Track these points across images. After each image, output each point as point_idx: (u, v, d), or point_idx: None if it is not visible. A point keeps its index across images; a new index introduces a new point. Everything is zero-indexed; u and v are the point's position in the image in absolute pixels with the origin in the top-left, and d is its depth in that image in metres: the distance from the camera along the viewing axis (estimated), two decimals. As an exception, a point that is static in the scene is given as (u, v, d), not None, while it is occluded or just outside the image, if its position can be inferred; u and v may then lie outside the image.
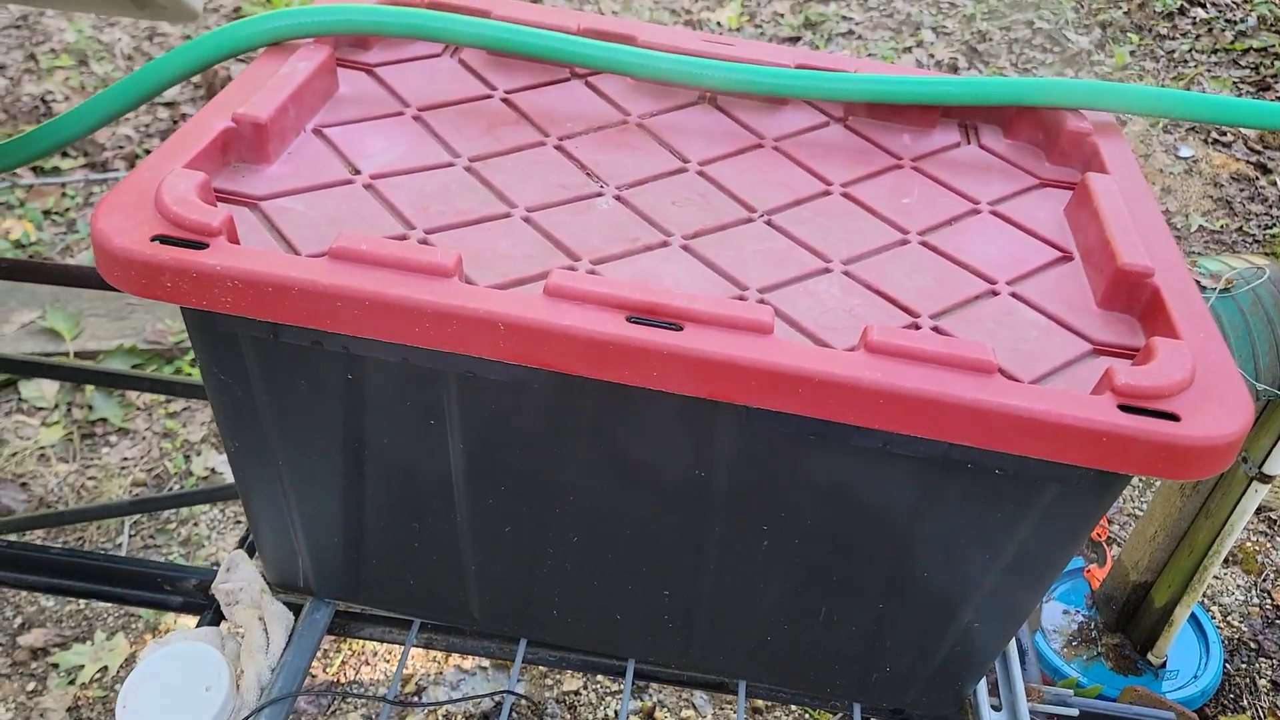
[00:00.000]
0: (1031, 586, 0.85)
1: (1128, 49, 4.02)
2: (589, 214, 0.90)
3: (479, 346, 0.72)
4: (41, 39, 3.53)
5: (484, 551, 0.91)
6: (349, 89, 1.00)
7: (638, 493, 0.85)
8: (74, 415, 2.28)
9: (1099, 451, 0.69)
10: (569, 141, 0.99)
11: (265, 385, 0.81)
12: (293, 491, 0.90)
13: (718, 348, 0.70)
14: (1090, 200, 0.91)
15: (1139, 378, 0.71)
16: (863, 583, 0.87)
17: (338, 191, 0.87)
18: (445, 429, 0.82)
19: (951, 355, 0.71)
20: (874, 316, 0.82)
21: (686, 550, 0.88)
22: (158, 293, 0.71)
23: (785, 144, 1.03)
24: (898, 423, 0.70)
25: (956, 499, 0.78)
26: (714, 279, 0.85)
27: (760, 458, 0.79)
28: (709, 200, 0.94)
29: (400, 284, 0.71)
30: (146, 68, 0.94)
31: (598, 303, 0.72)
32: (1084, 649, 1.99)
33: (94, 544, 2.04)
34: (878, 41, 4.17)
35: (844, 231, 0.92)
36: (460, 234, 0.85)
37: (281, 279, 0.70)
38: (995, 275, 0.88)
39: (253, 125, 0.86)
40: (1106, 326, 0.83)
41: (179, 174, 0.77)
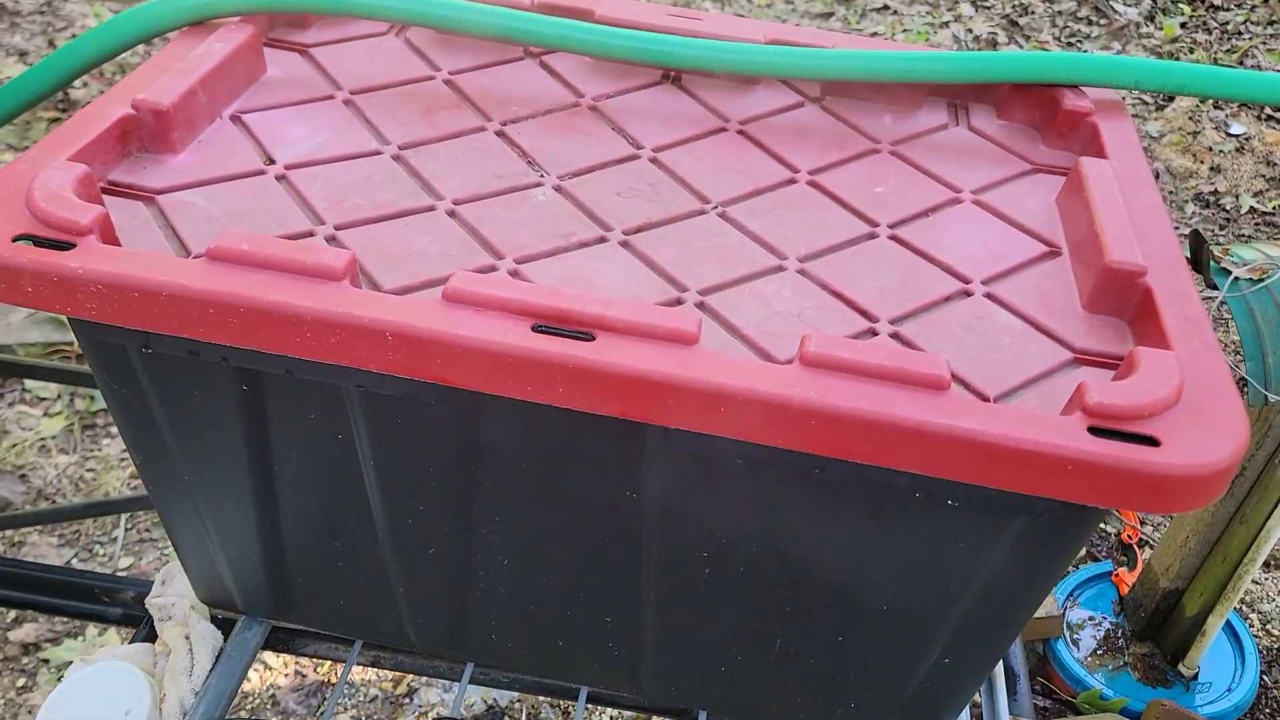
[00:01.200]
0: (1007, 621, 0.76)
1: (1178, 21, 3.83)
2: (522, 207, 0.82)
3: (366, 359, 0.64)
4: (63, 25, 3.53)
5: (410, 574, 0.84)
6: (279, 71, 0.93)
7: (566, 515, 0.77)
8: (76, 406, 2.26)
9: (1062, 481, 0.60)
10: (512, 127, 0.91)
11: (158, 396, 0.74)
12: (205, 507, 0.84)
13: (630, 361, 0.62)
14: (1082, 188, 0.82)
15: (1114, 395, 0.61)
16: (816, 613, 0.78)
17: (245, 184, 0.80)
18: (354, 444, 0.75)
19: (897, 369, 0.62)
20: (826, 321, 0.74)
21: (625, 576, 0.80)
22: (19, 298, 0.65)
23: (752, 127, 0.94)
24: (832, 447, 0.62)
25: (909, 530, 0.69)
26: (651, 279, 0.77)
27: (690, 482, 0.71)
28: (659, 191, 0.86)
29: (279, 289, 0.64)
30: (52, 57, 0.87)
31: (500, 309, 0.65)
32: (1110, 658, 1.88)
33: (90, 537, 2.02)
34: (913, 16, 4.02)
35: (805, 225, 0.83)
36: (374, 230, 0.78)
37: (149, 283, 0.64)
38: (970, 273, 0.79)
39: (154, 112, 0.79)
40: (1091, 332, 0.74)
41: (57, 167, 0.71)
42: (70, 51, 0.88)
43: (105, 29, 0.88)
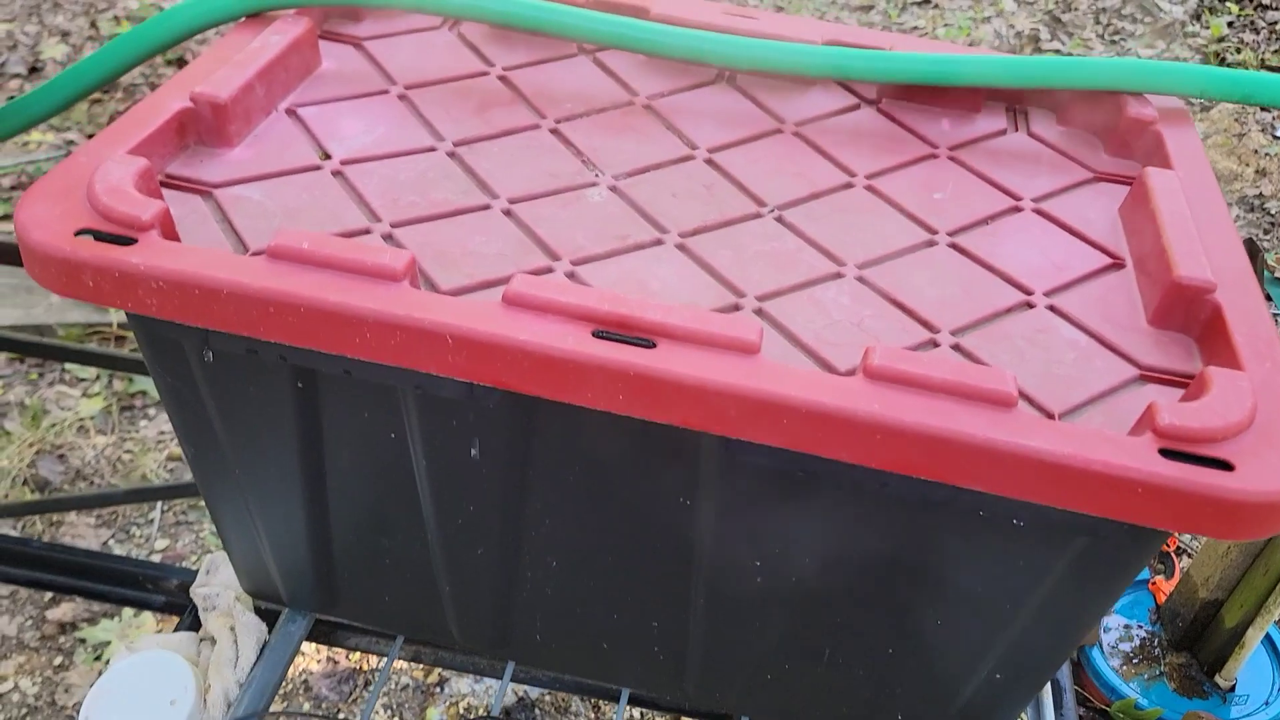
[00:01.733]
0: (1061, 640, 0.75)
1: (1225, 20, 3.76)
2: (577, 206, 0.81)
3: (427, 361, 0.64)
4: (105, 6, 3.55)
5: (457, 572, 0.84)
6: (333, 64, 0.93)
7: (617, 519, 0.77)
8: (114, 387, 2.28)
9: (1133, 504, 0.58)
10: (567, 124, 0.90)
11: (212, 391, 0.74)
12: (255, 501, 0.84)
13: (692, 370, 0.62)
14: (1148, 199, 0.80)
15: (1186, 416, 0.60)
16: (867, 627, 0.77)
17: (301, 179, 0.80)
18: (408, 444, 0.75)
19: (964, 385, 0.61)
20: (887, 331, 0.73)
21: (673, 581, 0.79)
22: (80, 292, 0.65)
23: (808, 129, 0.93)
24: (897, 462, 0.61)
25: (969, 548, 0.68)
26: (709, 283, 0.76)
27: (747, 492, 0.70)
28: (714, 192, 0.85)
29: (341, 289, 0.64)
30: (111, 45, 0.87)
31: (561, 313, 0.64)
32: (1145, 667, 1.86)
33: (127, 518, 2.04)
34: (954, 11, 3.97)
35: (863, 230, 0.82)
36: (430, 228, 0.77)
37: (210, 280, 0.63)
38: (1032, 284, 0.78)
39: (211, 105, 0.79)
40: (1157, 348, 0.72)
41: (117, 161, 0.71)
42: (129, 40, 0.88)
43: (164, 19, 0.88)
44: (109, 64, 0.88)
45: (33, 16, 3.47)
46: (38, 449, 2.11)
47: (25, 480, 2.05)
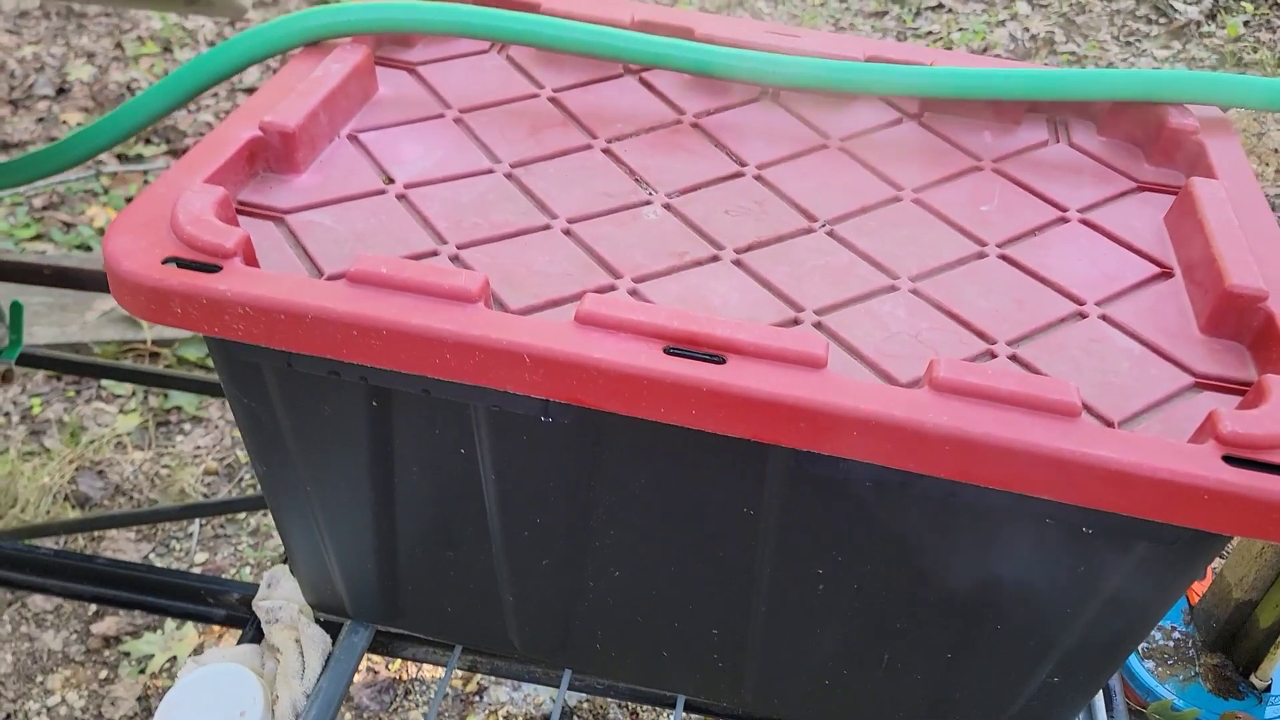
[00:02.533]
0: (1119, 643, 0.77)
1: (1241, 19, 3.77)
2: (634, 225, 0.83)
3: (504, 379, 0.66)
4: (129, 26, 3.59)
5: (521, 583, 0.86)
6: (389, 90, 0.95)
7: (681, 529, 0.78)
8: (150, 403, 2.31)
9: (1198, 511, 0.60)
10: (618, 144, 0.92)
11: (288, 410, 0.77)
12: (323, 516, 0.86)
13: (764, 385, 0.64)
14: (1194, 209, 0.82)
15: (1248, 424, 0.62)
16: (928, 633, 0.79)
17: (368, 203, 0.82)
18: (476, 459, 0.77)
19: (1029, 395, 0.63)
20: (944, 342, 0.74)
21: (735, 590, 0.81)
22: (168, 319, 0.68)
23: (853, 144, 0.95)
24: (966, 472, 0.63)
25: (1033, 553, 0.70)
26: (767, 298, 0.78)
27: (813, 502, 0.72)
28: (766, 208, 0.87)
29: (421, 311, 0.66)
30: (173, 76, 0.90)
31: (632, 331, 0.66)
32: (1180, 668, 1.87)
33: (167, 532, 2.07)
34: (968, 15, 3.99)
35: (914, 243, 0.84)
36: (494, 249, 0.79)
37: (295, 306, 0.66)
38: (1084, 294, 0.79)
39: (280, 134, 0.81)
40: (1211, 356, 0.74)
41: (196, 190, 0.73)
42: (191, 70, 0.91)
43: (225, 49, 0.90)
44: (174, 93, 0.91)
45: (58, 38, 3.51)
46: (77, 465, 2.15)
47: (66, 496, 2.08)
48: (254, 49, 0.90)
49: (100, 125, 0.93)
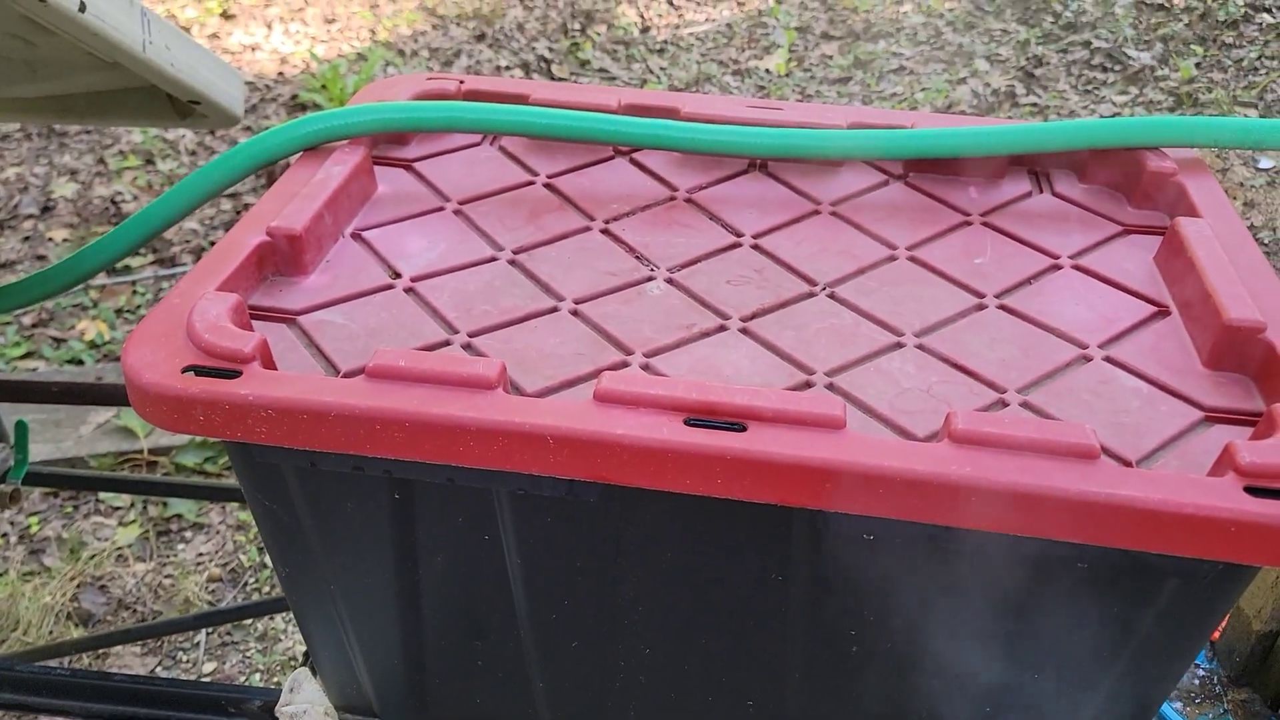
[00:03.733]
0: (1156, 683, 0.77)
1: (1193, 62, 3.88)
2: (640, 301, 0.85)
3: (528, 462, 0.67)
4: (110, 142, 3.65)
5: (552, 668, 0.86)
6: (388, 187, 0.97)
7: (710, 600, 0.78)
8: (149, 513, 2.29)
9: (1225, 543, 0.61)
10: (616, 224, 0.94)
11: (311, 510, 0.77)
12: (348, 613, 0.85)
13: (786, 449, 0.64)
14: (1183, 248, 0.84)
15: (1266, 454, 0.63)
16: (965, 686, 0.79)
17: (378, 299, 0.83)
18: (501, 545, 0.77)
19: (1048, 441, 0.64)
20: (956, 395, 0.76)
21: (768, 658, 0.81)
22: (190, 427, 0.68)
23: (844, 208, 0.97)
24: (993, 521, 0.63)
25: (1065, 598, 0.70)
26: (777, 364, 0.79)
27: (841, 563, 0.72)
28: (766, 276, 0.89)
29: (442, 401, 0.67)
30: (177, 187, 0.92)
31: (652, 405, 0.67)
32: (1209, 706, 1.85)
33: (171, 643, 2.03)
34: (930, 75, 4.09)
35: (914, 300, 0.86)
36: (506, 334, 0.81)
37: (317, 405, 0.66)
38: (1085, 338, 0.81)
39: (288, 238, 0.83)
40: (1217, 389, 0.75)
41: (210, 298, 0.74)
42: (197, 181, 0.92)
43: (228, 158, 0.92)
44: (176, 206, 0.93)
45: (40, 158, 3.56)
46: (79, 582, 2.12)
47: (69, 615, 2.05)
48: (256, 156, 0.92)
49: (104, 242, 0.94)
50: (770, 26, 4.60)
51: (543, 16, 4.61)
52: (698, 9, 4.77)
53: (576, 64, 4.29)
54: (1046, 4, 4.49)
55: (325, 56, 4.18)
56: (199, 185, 0.92)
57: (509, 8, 4.64)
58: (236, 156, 0.92)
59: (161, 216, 0.93)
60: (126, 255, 0.96)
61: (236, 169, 0.92)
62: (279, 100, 3.92)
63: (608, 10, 4.67)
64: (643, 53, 4.41)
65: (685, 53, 4.44)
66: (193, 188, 0.92)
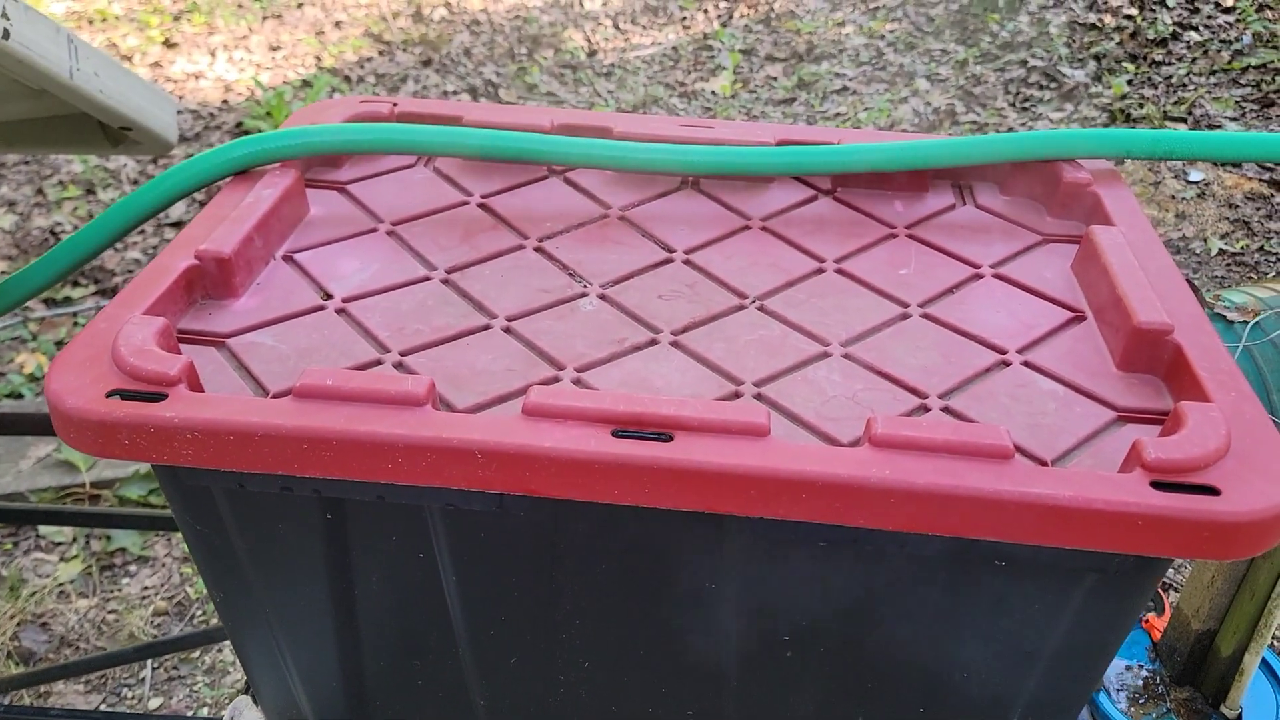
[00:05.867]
0: (1082, 678, 0.79)
1: (1124, 79, 3.99)
2: (572, 317, 0.86)
3: (458, 478, 0.67)
4: (49, 172, 3.59)
5: (492, 685, 0.86)
6: (320, 210, 0.97)
7: (646, 610, 0.79)
8: (92, 548, 2.25)
9: (1135, 536, 0.63)
10: (549, 242, 0.95)
11: (242, 533, 0.77)
12: (284, 637, 0.85)
13: (712, 457, 0.66)
14: (1097, 255, 0.87)
15: (1170, 449, 0.65)
16: (897, 689, 0.80)
17: (308, 320, 0.83)
18: (436, 563, 0.77)
19: (964, 442, 0.66)
20: (879, 401, 0.77)
21: (707, 667, 0.82)
22: (116, 451, 0.68)
23: (773, 223, 0.99)
24: (913, 522, 0.65)
25: (987, 595, 0.72)
26: (707, 375, 0.80)
27: (771, 568, 0.73)
28: (697, 290, 0.90)
29: (370, 419, 0.67)
30: (105, 215, 0.91)
31: (579, 418, 0.68)
32: (1152, 706, 1.88)
33: (117, 680, 2.00)
34: (872, 95, 4.17)
35: (841, 311, 0.88)
36: (438, 353, 0.81)
37: (243, 426, 0.66)
38: (1005, 344, 0.83)
39: (216, 260, 0.83)
40: (1129, 390, 0.78)
41: (136, 322, 0.74)
42: (123, 208, 0.92)
43: (156, 184, 0.92)
44: (106, 231, 0.92)
45: (-23, 189, 3.50)
46: (19, 620, 2.07)
47: (9, 654, 2.00)
48: (184, 181, 0.92)
49: (32, 269, 0.93)
50: (716, 49, 4.66)
51: (489, 41, 4.63)
52: (644, 33, 4.82)
53: (524, 88, 4.31)
54: (984, 24, 4.60)
55: (270, 84, 4.16)
56: (128, 211, 0.92)
57: (455, 33, 4.66)
58: (166, 181, 0.92)
59: (90, 243, 0.92)
60: (54, 283, 0.95)
61: (166, 194, 0.92)
62: (223, 128, 3.89)
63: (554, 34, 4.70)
64: (590, 76, 4.44)
65: (632, 76, 4.48)
66: (121, 214, 0.92)
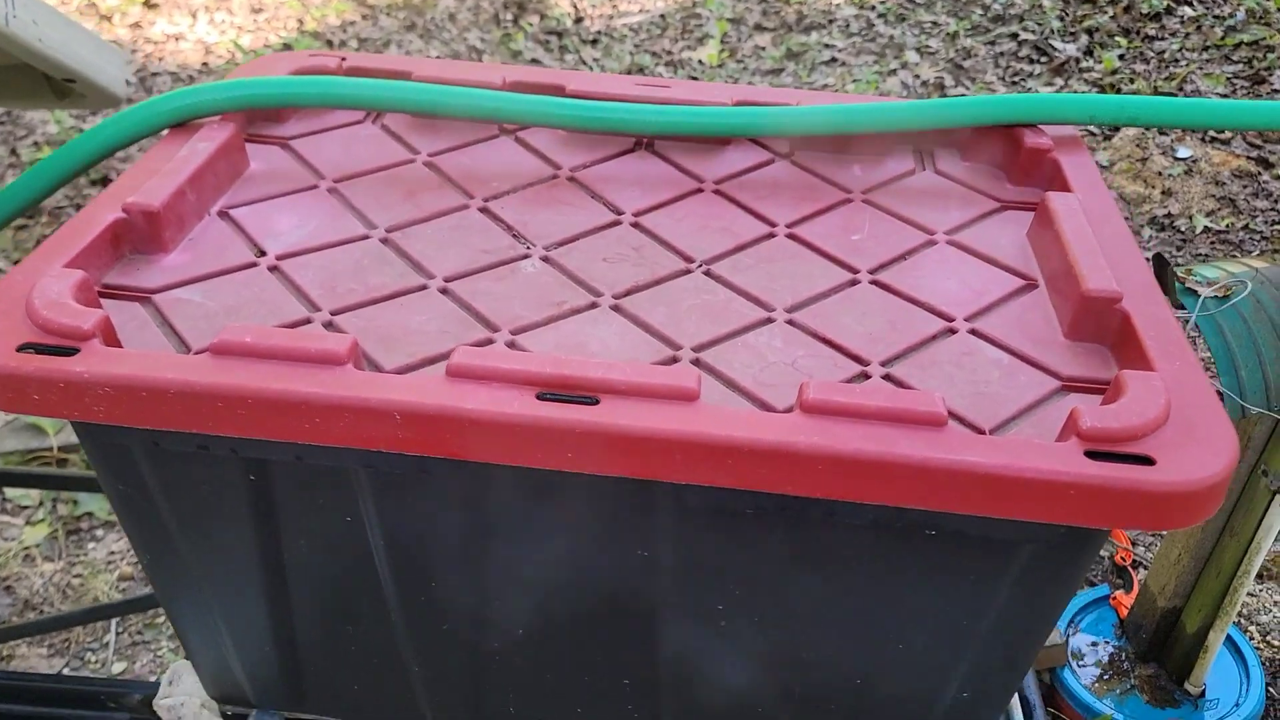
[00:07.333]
0: (1021, 648, 0.77)
1: (1116, 53, 3.96)
2: (513, 279, 0.84)
3: (375, 439, 0.65)
4: (24, 133, 3.54)
5: (425, 652, 0.84)
6: (261, 165, 0.95)
7: (579, 579, 0.78)
8: (59, 511, 2.23)
9: (1065, 506, 0.61)
10: (495, 202, 0.93)
11: (165, 493, 0.75)
12: (216, 601, 0.83)
13: (635, 421, 0.64)
14: (1052, 222, 0.85)
15: (1107, 418, 0.63)
16: (835, 659, 0.79)
17: (239, 277, 0.81)
18: (364, 526, 0.75)
19: (895, 409, 0.64)
20: (820, 368, 0.75)
21: (640, 636, 0.80)
22: (26, 407, 0.66)
23: (727, 186, 0.97)
24: (841, 489, 0.63)
25: (921, 566, 0.70)
26: (645, 340, 0.78)
27: (702, 536, 0.72)
28: (643, 254, 0.88)
29: (287, 377, 0.65)
30: (39, 166, 0.89)
31: (504, 380, 0.66)
32: (1116, 682, 1.88)
33: (80, 644, 1.98)
34: (861, 67, 4.13)
35: (789, 276, 0.86)
36: (370, 312, 0.79)
37: (156, 382, 0.64)
38: (953, 311, 0.81)
39: (144, 214, 0.80)
40: (1076, 359, 0.76)
41: (54, 275, 0.72)
42: (56, 160, 0.89)
43: (91, 135, 0.89)
44: (37, 185, 0.90)
45: (-50, 149, 3.45)
46: (-17, 583, 2.06)
47: (-28, 616, 1.99)
48: (119, 134, 0.90)
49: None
50: (704, 18, 4.61)
51: (474, 6, 4.57)
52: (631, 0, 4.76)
53: (508, 54, 4.25)
54: (976, -3, 4.54)
55: (251, 47, 4.11)
56: (59, 164, 0.89)
57: (440, -2, 4.59)
58: (99, 134, 0.89)
59: (20, 198, 0.90)
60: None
61: (99, 146, 0.89)
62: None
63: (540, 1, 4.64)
64: (576, 44, 4.39)
65: (618, 44, 4.42)
66: (52, 167, 0.89)
